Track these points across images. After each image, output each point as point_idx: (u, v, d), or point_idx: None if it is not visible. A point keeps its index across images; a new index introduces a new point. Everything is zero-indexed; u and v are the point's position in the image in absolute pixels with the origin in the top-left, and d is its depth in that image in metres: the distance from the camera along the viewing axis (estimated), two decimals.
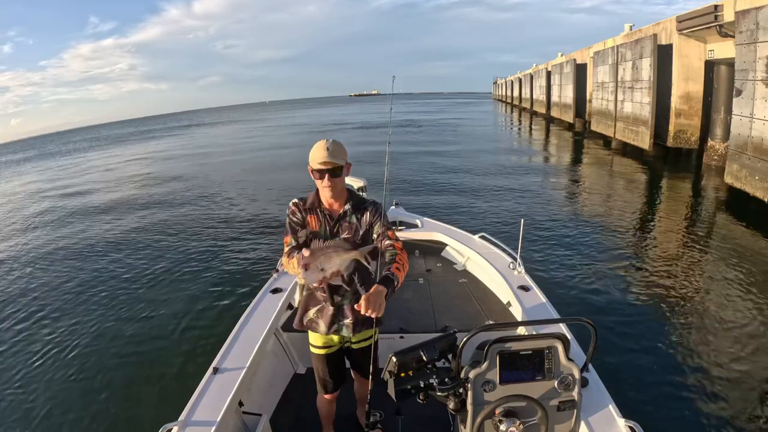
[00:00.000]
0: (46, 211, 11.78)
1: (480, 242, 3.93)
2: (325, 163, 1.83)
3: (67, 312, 5.35)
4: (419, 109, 51.06)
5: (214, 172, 15.64)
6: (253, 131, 35.85)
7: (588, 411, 1.79)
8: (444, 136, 23.03)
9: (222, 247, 7.28)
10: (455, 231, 4.28)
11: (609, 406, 1.88)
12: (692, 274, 5.44)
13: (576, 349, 2.11)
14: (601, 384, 2.00)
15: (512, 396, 1.51)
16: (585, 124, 19.69)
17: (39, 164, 28.93)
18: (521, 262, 3.27)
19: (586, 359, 1.69)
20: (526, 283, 3.09)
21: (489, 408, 1.51)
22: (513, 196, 9.81)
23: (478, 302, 3.33)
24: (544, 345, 1.56)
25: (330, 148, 1.84)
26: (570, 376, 1.57)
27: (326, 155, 1.82)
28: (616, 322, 4.30)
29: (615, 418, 1.82)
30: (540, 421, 1.52)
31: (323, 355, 2.10)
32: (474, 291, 3.52)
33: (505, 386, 1.55)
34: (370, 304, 1.64)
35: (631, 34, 14.34)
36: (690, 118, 11.64)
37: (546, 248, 6.40)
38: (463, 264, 3.97)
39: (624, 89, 14.05)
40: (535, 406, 1.51)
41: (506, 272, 3.28)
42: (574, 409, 1.59)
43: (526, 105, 35.34)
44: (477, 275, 3.76)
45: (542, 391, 1.56)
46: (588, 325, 1.57)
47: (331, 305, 1.98)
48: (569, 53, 23.00)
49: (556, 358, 1.57)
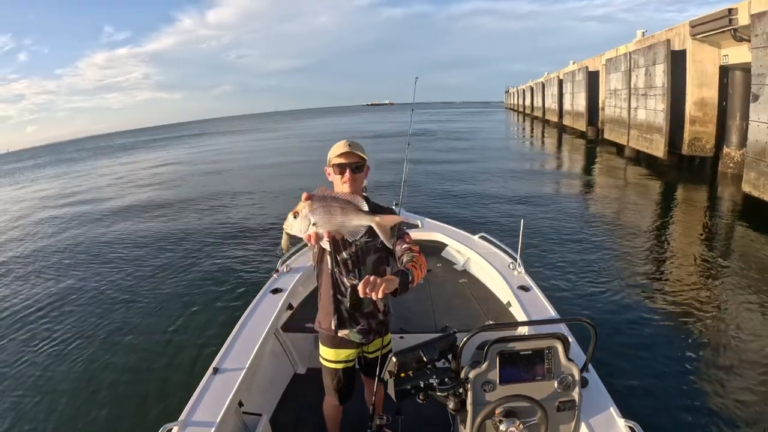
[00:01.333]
0: (48, 218, 12.01)
1: (480, 242, 3.96)
2: (347, 155, 1.76)
3: (67, 312, 5.44)
4: (432, 119, 51.39)
5: (219, 179, 15.88)
6: (264, 141, 36.34)
7: (588, 411, 1.79)
8: (456, 143, 23.09)
9: (222, 248, 7.38)
10: (455, 231, 4.31)
11: (609, 406, 1.89)
12: (697, 278, 5.42)
13: (576, 349, 2.11)
14: (601, 384, 2.01)
15: (512, 396, 1.52)
16: (598, 132, 19.58)
17: (52, 171, 29.81)
18: (521, 262, 3.29)
19: (586, 359, 1.70)
20: (526, 283, 3.11)
21: (489, 408, 1.51)
22: (518, 199, 9.87)
23: (478, 302, 3.35)
24: (544, 345, 1.57)
25: (351, 144, 1.78)
26: (570, 376, 1.57)
27: (348, 148, 1.76)
28: (617, 322, 4.33)
29: (615, 418, 1.83)
30: (540, 421, 1.52)
31: (340, 370, 2.05)
32: (474, 291, 3.55)
33: (505, 386, 1.55)
34: (370, 284, 1.45)
35: (643, 41, 14.29)
36: (705, 125, 11.51)
37: (546, 248, 6.43)
38: (463, 264, 4.00)
39: (637, 96, 13.96)
40: (535, 407, 1.51)
41: (506, 272, 3.31)
42: (574, 409, 1.60)
43: (538, 114, 35.28)
44: (477, 275, 3.79)
45: (542, 391, 1.56)
46: (588, 326, 1.58)
47: (349, 305, 1.91)
48: (581, 61, 22.93)
49: (556, 358, 1.57)
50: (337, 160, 1.78)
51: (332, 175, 1.83)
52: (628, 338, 4.04)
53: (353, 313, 1.95)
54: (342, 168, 1.77)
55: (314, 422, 2.42)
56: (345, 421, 2.35)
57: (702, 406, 3.14)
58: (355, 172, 1.79)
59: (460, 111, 77.16)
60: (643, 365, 3.63)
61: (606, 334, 3.93)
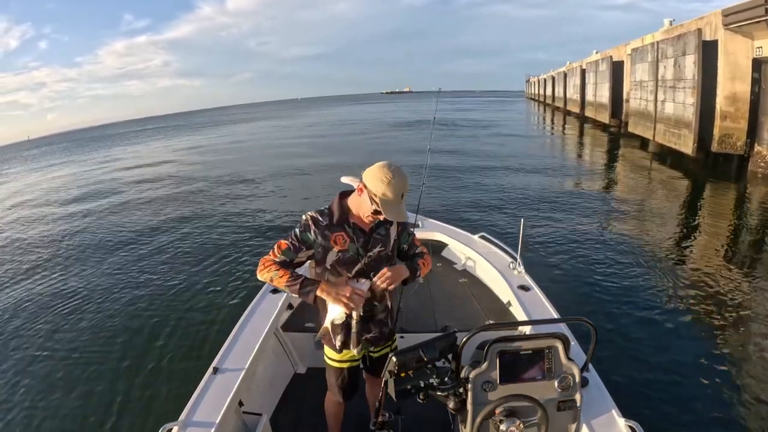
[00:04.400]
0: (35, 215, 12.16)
1: (480, 242, 3.99)
2: (404, 193, 1.71)
3: (66, 310, 5.52)
4: (450, 107, 50.95)
5: (228, 172, 15.85)
6: (285, 130, 36.48)
7: (588, 411, 1.83)
8: (473, 135, 22.83)
9: (222, 248, 7.43)
10: (455, 231, 4.34)
11: (609, 405, 1.92)
12: (702, 279, 5.34)
13: (576, 349, 2.14)
14: (601, 384, 2.04)
15: (512, 396, 1.56)
16: (621, 124, 19.10)
17: (67, 158, 30.68)
18: (521, 262, 3.33)
19: (587, 359, 1.74)
20: (526, 283, 3.14)
21: (489, 408, 1.55)
22: (524, 197, 9.80)
23: (478, 302, 3.39)
24: (544, 345, 1.61)
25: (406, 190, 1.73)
26: (570, 376, 1.61)
27: (405, 193, 1.72)
28: (617, 322, 4.36)
29: (615, 418, 1.86)
30: (540, 421, 1.57)
31: (345, 369, 2.10)
32: (474, 291, 3.59)
33: (505, 386, 1.59)
34: (387, 278, 1.75)
35: (671, 30, 13.85)
36: (736, 120, 11.13)
37: (546, 248, 6.41)
38: (464, 264, 4.04)
39: (665, 89, 13.56)
40: (536, 406, 1.55)
41: (506, 272, 3.35)
42: (575, 409, 1.64)
43: (559, 104, 34.59)
44: (477, 275, 3.83)
45: (542, 391, 1.60)
46: (588, 325, 1.61)
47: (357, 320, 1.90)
48: (605, 50, 22.31)
49: (557, 358, 1.61)
50: (395, 194, 1.68)
51: (365, 199, 1.73)
52: (628, 338, 4.08)
53: (366, 324, 1.96)
54: (396, 201, 1.70)
55: (314, 422, 2.47)
56: (347, 419, 2.40)
57: (703, 405, 3.17)
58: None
59: (479, 100, 76.08)
60: (643, 365, 3.66)
61: (606, 334, 3.98)
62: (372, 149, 19.29)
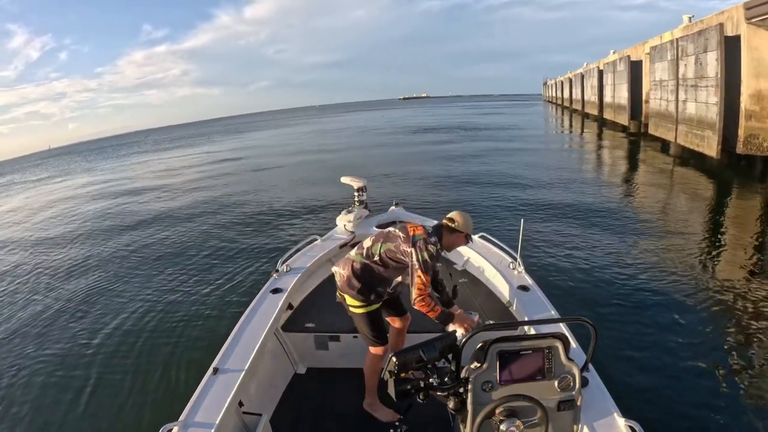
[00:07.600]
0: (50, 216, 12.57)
1: (480, 242, 4.01)
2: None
3: (66, 311, 5.63)
4: (468, 112, 51.10)
5: (232, 178, 16.09)
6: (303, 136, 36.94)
7: (588, 411, 1.85)
8: (491, 138, 22.83)
9: (222, 248, 7.55)
10: None
11: (609, 405, 1.94)
12: (705, 281, 5.30)
13: (576, 349, 2.16)
14: (601, 384, 2.06)
15: (512, 396, 1.59)
16: (641, 126, 18.76)
17: (88, 166, 31.65)
18: (521, 262, 3.37)
19: (587, 359, 1.76)
20: (526, 283, 3.18)
21: (489, 408, 1.58)
22: (528, 197, 9.83)
23: (478, 302, 3.41)
24: (545, 345, 1.63)
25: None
26: (570, 376, 1.63)
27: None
28: (617, 322, 4.38)
29: (615, 417, 1.88)
30: (540, 421, 1.59)
31: (373, 311, 2.62)
32: (474, 291, 3.61)
33: (505, 386, 1.62)
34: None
35: (691, 26, 13.61)
36: (762, 120, 10.86)
37: (546, 248, 6.40)
38: (463, 264, 4.07)
39: (686, 88, 13.30)
40: (536, 406, 1.57)
41: (506, 272, 3.39)
42: (575, 409, 1.66)
43: (577, 106, 34.24)
44: (477, 275, 3.86)
45: (542, 391, 1.62)
46: (588, 325, 1.63)
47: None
48: (622, 50, 21.98)
49: (557, 358, 1.63)
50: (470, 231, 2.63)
51: (460, 237, 2.60)
52: (628, 338, 4.10)
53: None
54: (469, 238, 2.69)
55: (314, 422, 2.52)
56: (347, 419, 2.43)
57: (703, 405, 3.17)
58: None
59: (497, 104, 75.82)
60: (644, 365, 3.68)
61: (606, 334, 3.97)
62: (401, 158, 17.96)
